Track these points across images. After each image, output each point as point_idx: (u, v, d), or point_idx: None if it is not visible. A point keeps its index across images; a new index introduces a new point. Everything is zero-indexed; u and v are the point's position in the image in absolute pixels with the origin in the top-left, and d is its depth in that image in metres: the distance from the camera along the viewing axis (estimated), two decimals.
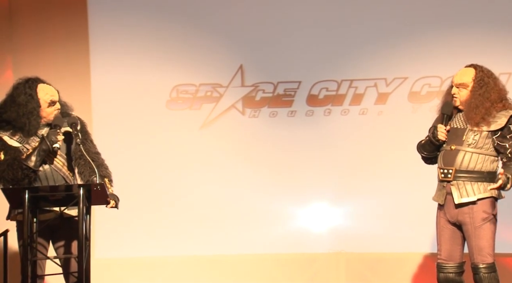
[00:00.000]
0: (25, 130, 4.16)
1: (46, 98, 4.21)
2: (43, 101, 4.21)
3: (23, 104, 4.16)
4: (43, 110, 4.21)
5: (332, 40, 6.18)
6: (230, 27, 6.28)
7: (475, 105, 4.31)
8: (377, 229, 5.98)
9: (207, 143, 6.26)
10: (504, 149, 4.30)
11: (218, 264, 6.16)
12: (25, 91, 4.19)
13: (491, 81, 4.35)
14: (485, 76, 4.35)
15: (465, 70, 4.42)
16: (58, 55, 6.33)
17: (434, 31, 6.04)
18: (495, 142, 4.30)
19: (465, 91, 4.37)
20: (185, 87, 6.33)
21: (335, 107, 6.21)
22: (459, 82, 4.39)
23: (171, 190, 6.22)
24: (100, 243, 6.15)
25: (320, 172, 6.13)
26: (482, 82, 4.34)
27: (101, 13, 6.36)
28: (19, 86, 4.23)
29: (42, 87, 4.24)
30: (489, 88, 4.33)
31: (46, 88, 4.25)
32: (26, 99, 4.17)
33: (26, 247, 3.96)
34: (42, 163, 4.16)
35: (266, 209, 6.16)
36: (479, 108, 4.30)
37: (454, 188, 4.32)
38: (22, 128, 4.17)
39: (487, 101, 4.30)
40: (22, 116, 4.16)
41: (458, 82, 4.39)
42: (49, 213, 4.16)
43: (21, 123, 4.16)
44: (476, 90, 4.33)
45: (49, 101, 4.22)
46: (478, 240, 4.27)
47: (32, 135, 4.18)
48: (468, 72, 4.40)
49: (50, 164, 4.21)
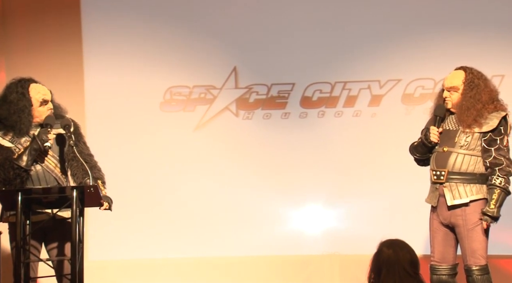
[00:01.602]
0: (16, 128, 4.16)
1: (38, 97, 4.21)
2: (34, 100, 4.20)
3: (14, 102, 4.16)
4: (35, 109, 4.21)
5: (325, 42, 6.18)
6: (224, 29, 6.27)
7: (467, 107, 4.32)
8: (371, 231, 5.97)
9: (201, 145, 6.26)
10: (488, 156, 4.30)
11: (212, 266, 6.15)
12: (17, 90, 4.19)
13: (481, 83, 4.36)
14: (475, 78, 4.36)
15: (455, 73, 4.43)
16: (52, 56, 6.32)
17: (428, 33, 6.05)
18: (482, 144, 4.31)
19: (456, 94, 4.38)
20: (178, 89, 6.33)
21: (328, 109, 6.21)
22: (450, 85, 4.40)
23: (165, 192, 6.21)
24: (94, 245, 6.13)
25: (314, 174, 6.13)
26: (473, 84, 4.34)
27: (94, 15, 6.35)
28: (12, 85, 4.24)
29: (34, 86, 4.24)
30: (480, 89, 4.34)
31: (38, 87, 4.25)
32: (17, 97, 4.17)
33: (18, 249, 3.94)
34: (34, 162, 4.16)
35: (260, 211, 6.15)
36: (470, 110, 4.31)
37: (447, 190, 4.33)
38: (13, 126, 4.16)
39: (478, 103, 4.31)
40: (13, 114, 4.15)
41: (448, 86, 4.40)
42: (42, 214, 4.15)
43: (12, 121, 4.16)
44: (467, 93, 4.34)
45: (41, 100, 4.21)
46: (471, 242, 4.27)
47: (23, 134, 4.17)
48: (458, 75, 4.40)
49: (42, 164, 4.20)
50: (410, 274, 3.19)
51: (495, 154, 4.27)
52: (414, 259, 3.25)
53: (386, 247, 3.25)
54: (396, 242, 3.27)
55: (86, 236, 4.78)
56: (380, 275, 3.20)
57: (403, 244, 3.27)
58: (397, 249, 3.22)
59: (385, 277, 3.18)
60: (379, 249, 3.26)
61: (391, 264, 3.19)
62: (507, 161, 4.29)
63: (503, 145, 4.31)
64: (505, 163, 4.27)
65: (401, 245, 3.26)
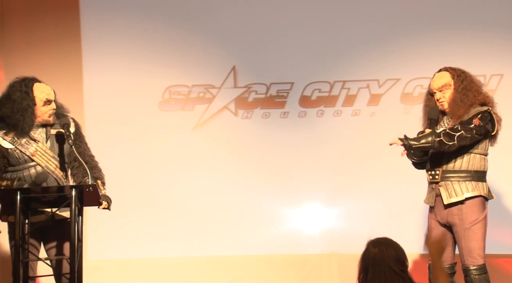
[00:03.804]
0: (19, 127, 4.16)
1: (42, 97, 4.21)
2: (38, 99, 4.20)
3: (18, 101, 4.16)
4: (38, 109, 4.21)
5: (324, 41, 6.18)
6: (223, 28, 6.28)
7: (460, 99, 4.32)
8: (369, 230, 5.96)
9: (200, 144, 6.26)
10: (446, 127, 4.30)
11: (211, 265, 6.15)
12: (20, 89, 4.19)
13: (466, 74, 4.39)
14: (460, 72, 4.40)
15: (440, 74, 4.45)
16: (50, 55, 6.32)
17: (427, 32, 6.05)
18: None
19: (449, 91, 4.38)
20: (177, 88, 6.33)
21: (327, 108, 6.21)
22: (440, 85, 4.40)
23: (164, 192, 6.21)
24: (93, 244, 6.14)
25: (313, 173, 6.13)
26: (462, 77, 4.37)
27: (93, 14, 6.35)
28: (15, 84, 4.23)
29: (38, 85, 4.24)
30: (470, 80, 4.36)
31: (42, 87, 4.25)
32: (21, 96, 4.17)
33: (17, 248, 3.94)
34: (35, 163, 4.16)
35: (258, 210, 6.16)
36: (463, 100, 4.31)
37: (443, 188, 4.34)
38: (16, 125, 4.16)
39: (471, 91, 4.32)
40: (16, 113, 4.15)
41: (439, 86, 4.40)
42: (41, 215, 4.15)
43: (15, 120, 4.15)
44: (459, 85, 4.35)
45: (44, 100, 4.21)
46: (468, 241, 4.27)
47: (26, 133, 4.17)
48: (443, 74, 4.43)
49: (42, 165, 4.20)
50: (396, 271, 3.19)
51: (459, 125, 4.24)
52: (401, 256, 3.24)
53: (372, 246, 3.26)
54: (381, 240, 3.27)
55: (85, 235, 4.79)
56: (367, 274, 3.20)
57: (389, 242, 3.27)
58: (382, 247, 3.23)
59: (372, 275, 3.19)
60: (366, 248, 3.27)
61: (377, 263, 3.20)
62: (465, 131, 4.21)
63: (471, 122, 4.24)
64: (462, 132, 4.21)
65: (387, 243, 3.26)
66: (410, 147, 4.28)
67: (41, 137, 4.23)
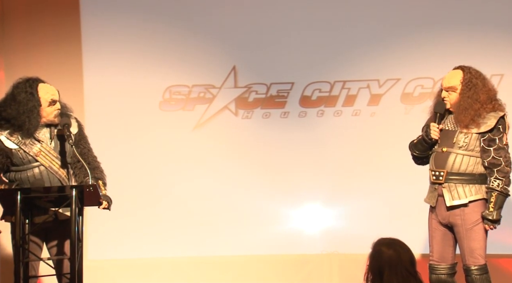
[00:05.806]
0: (24, 129, 4.15)
1: (47, 97, 4.20)
2: (43, 100, 4.20)
3: (24, 102, 4.15)
4: (43, 110, 4.20)
5: (325, 41, 6.18)
6: (223, 28, 6.27)
7: (464, 108, 4.31)
8: (370, 230, 5.97)
9: (200, 144, 6.26)
10: (486, 156, 4.29)
11: (211, 265, 6.15)
12: (25, 90, 4.18)
13: (479, 82, 4.34)
14: (473, 77, 4.34)
15: (453, 72, 4.42)
16: (51, 55, 6.32)
17: (427, 32, 6.05)
18: (481, 144, 4.31)
19: (454, 94, 4.38)
20: (178, 88, 6.33)
21: (328, 108, 6.21)
22: (448, 85, 4.39)
23: (164, 191, 6.21)
24: (93, 244, 6.14)
25: (313, 173, 6.13)
26: (471, 84, 4.33)
27: (93, 14, 6.35)
28: (20, 84, 4.22)
29: (43, 86, 4.23)
30: (478, 89, 4.32)
31: (47, 88, 4.24)
32: (27, 97, 4.16)
33: (18, 248, 3.94)
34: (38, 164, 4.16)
35: (259, 210, 6.16)
36: (468, 110, 4.30)
37: (446, 190, 4.33)
38: (22, 126, 4.15)
39: (476, 103, 4.30)
40: (22, 114, 4.14)
41: (446, 86, 4.40)
42: (45, 215, 4.14)
43: (21, 121, 4.14)
44: (465, 93, 4.32)
45: (49, 100, 4.21)
46: (470, 242, 4.28)
47: (31, 134, 4.17)
48: (456, 74, 4.39)
49: (46, 165, 4.20)
50: (412, 273, 3.19)
51: (494, 154, 4.27)
52: (413, 258, 3.25)
53: (385, 247, 3.23)
54: (395, 241, 3.26)
55: (86, 235, 4.79)
56: (381, 275, 3.18)
57: (402, 244, 3.27)
58: (398, 249, 3.21)
59: (388, 277, 3.17)
60: (378, 249, 3.24)
61: (393, 265, 3.18)
62: (505, 161, 4.28)
63: (502, 144, 4.30)
64: (503, 164, 4.27)
65: (401, 244, 3.25)
66: (497, 221, 4.28)
67: (45, 137, 4.23)
